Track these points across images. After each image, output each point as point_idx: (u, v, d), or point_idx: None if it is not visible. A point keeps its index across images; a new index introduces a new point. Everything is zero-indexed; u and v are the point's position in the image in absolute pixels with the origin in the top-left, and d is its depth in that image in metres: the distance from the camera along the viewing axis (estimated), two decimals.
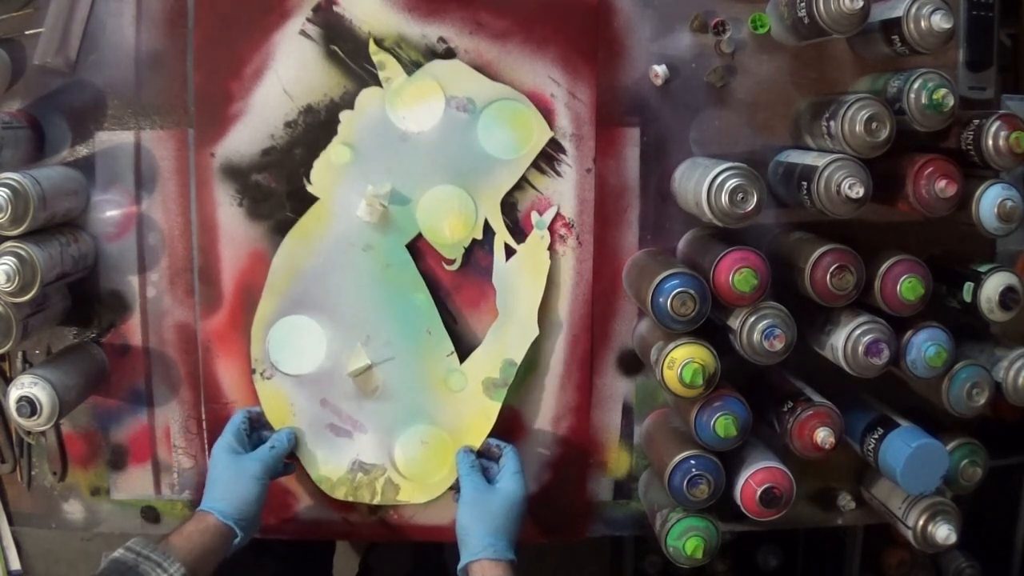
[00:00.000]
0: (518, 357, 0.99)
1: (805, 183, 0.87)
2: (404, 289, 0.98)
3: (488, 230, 0.98)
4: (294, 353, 0.98)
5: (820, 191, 0.86)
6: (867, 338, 0.87)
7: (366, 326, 0.98)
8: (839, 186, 0.84)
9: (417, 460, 1.00)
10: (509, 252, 0.98)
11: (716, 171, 0.86)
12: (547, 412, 1.01)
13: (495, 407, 0.99)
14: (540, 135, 0.97)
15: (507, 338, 0.99)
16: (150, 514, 1.04)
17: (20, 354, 1.01)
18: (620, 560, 1.49)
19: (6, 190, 0.85)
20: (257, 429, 0.98)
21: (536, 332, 0.99)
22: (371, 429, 0.99)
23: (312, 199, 0.97)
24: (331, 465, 1.00)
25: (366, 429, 1.00)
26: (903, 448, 0.90)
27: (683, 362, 0.86)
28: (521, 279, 0.98)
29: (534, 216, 0.98)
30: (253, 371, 0.99)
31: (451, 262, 0.98)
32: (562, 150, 0.97)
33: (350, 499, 1.00)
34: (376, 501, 1.00)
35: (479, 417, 0.99)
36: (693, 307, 0.85)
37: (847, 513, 1.05)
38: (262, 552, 1.09)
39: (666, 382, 0.88)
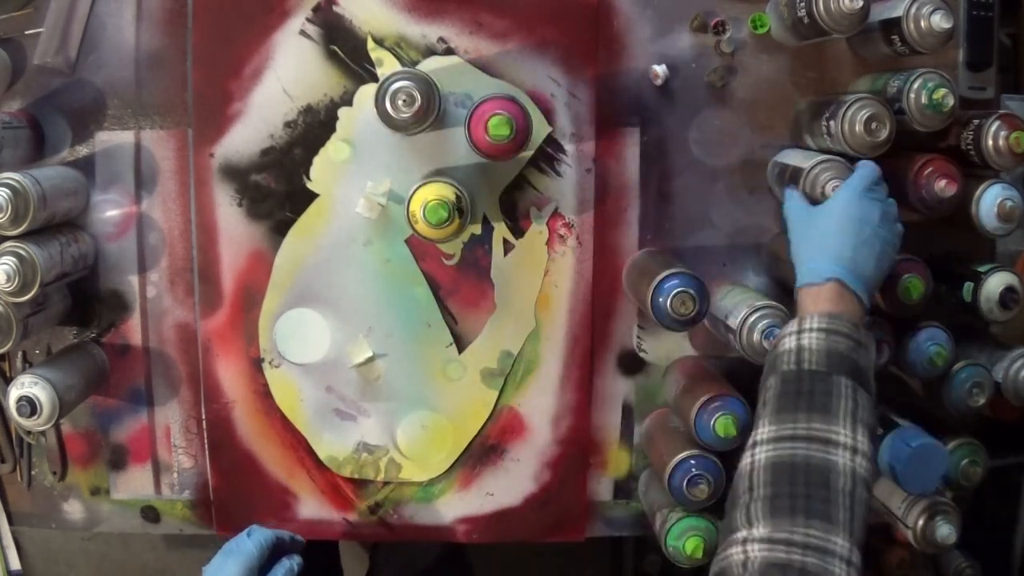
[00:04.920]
0: (515, 348, 1.00)
1: (793, 184, 0.87)
2: (404, 283, 0.99)
3: (487, 225, 0.98)
4: (300, 344, 1.00)
5: (807, 193, 0.86)
6: None
7: (368, 318, 0.99)
8: (823, 188, 0.84)
9: (418, 442, 1.02)
10: (508, 247, 0.99)
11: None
12: (547, 412, 1.01)
13: (493, 395, 1.01)
14: (538, 130, 0.97)
15: (504, 330, 0.99)
16: (150, 514, 1.04)
17: (20, 354, 1.01)
18: (620, 560, 1.49)
19: (6, 190, 0.85)
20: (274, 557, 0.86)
21: (533, 325, 0.99)
22: (374, 414, 1.01)
23: (311, 198, 0.97)
24: (337, 446, 1.01)
25: (369, 414, 1.01)
26: (903, 448, 0.90)
27: (423, 203, 0.84)
28: (519, 273, 0.99)
29: (532, 211, 0.98)
30: (262, 360, 1.00)
31: (450, 257, 0.98)
32: (562, 150, 0.97)
33: (356, 476, 1.02)
34: (380, 478, 1.02)
35: (477, 405, 1.01)
36: (693, 307, 0.85)
37: None
38: None
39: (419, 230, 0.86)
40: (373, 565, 1.28)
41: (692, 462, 0.89)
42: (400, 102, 0.83)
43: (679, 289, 0.85)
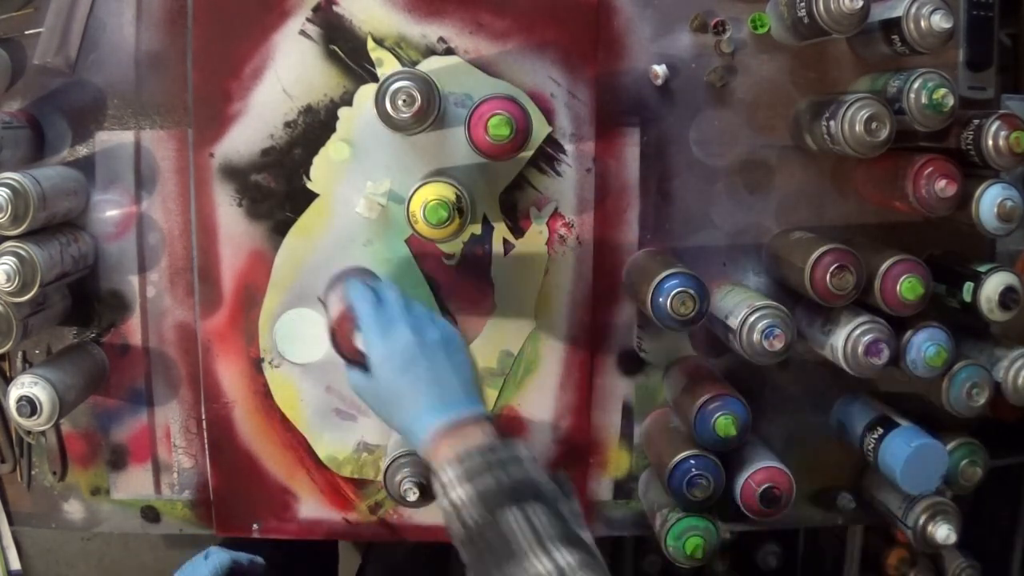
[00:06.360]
0: (515, 348, 1.00)
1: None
2: (404, 283, 0.98)
3: (487, 225, 0.98)
4: (300, 344, 1.00)
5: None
6: (867, 338, 0.87)
7: None
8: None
9: None
10: (508, 247, 0.99)
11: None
12: (547, 412, 1.01)
13: (492, 395, 1.01)
14: (538, 131, 0.97)
15: (504, 330, 1.00)
16: (150, 514, 1.04)
17: (20, 354, 1.01)
18: (620, 560, 1.49)
19: (6, 190, 0.85)
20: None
21: (533, 325, 0.99)
22: (373, 414, 1.00)
23: (311, 198, 0.97)
24: (337, 446, 1.01)
25: (369, 414, 1.00)
26: (903, 448, 0.90)
27: (423, 203, 0.84)
28: (519, 273, 0.99)
29: (532, 211, 0.98)
30: (262, 360, 1.00)
31: (450, 257, 0.98)
32: (562, 150, 0.97)
33: (356, 476, 1.02)
34: (380, 478, 1.00)
35: None
36: (693, 307, 0.85)
37: (847, 513, 1.05)
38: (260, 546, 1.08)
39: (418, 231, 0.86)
40: (364, 563, 1.28)
41: (692, 462, 0.89)
42: (400, 102, 0.83)
43: (679, 289, 0.85)
